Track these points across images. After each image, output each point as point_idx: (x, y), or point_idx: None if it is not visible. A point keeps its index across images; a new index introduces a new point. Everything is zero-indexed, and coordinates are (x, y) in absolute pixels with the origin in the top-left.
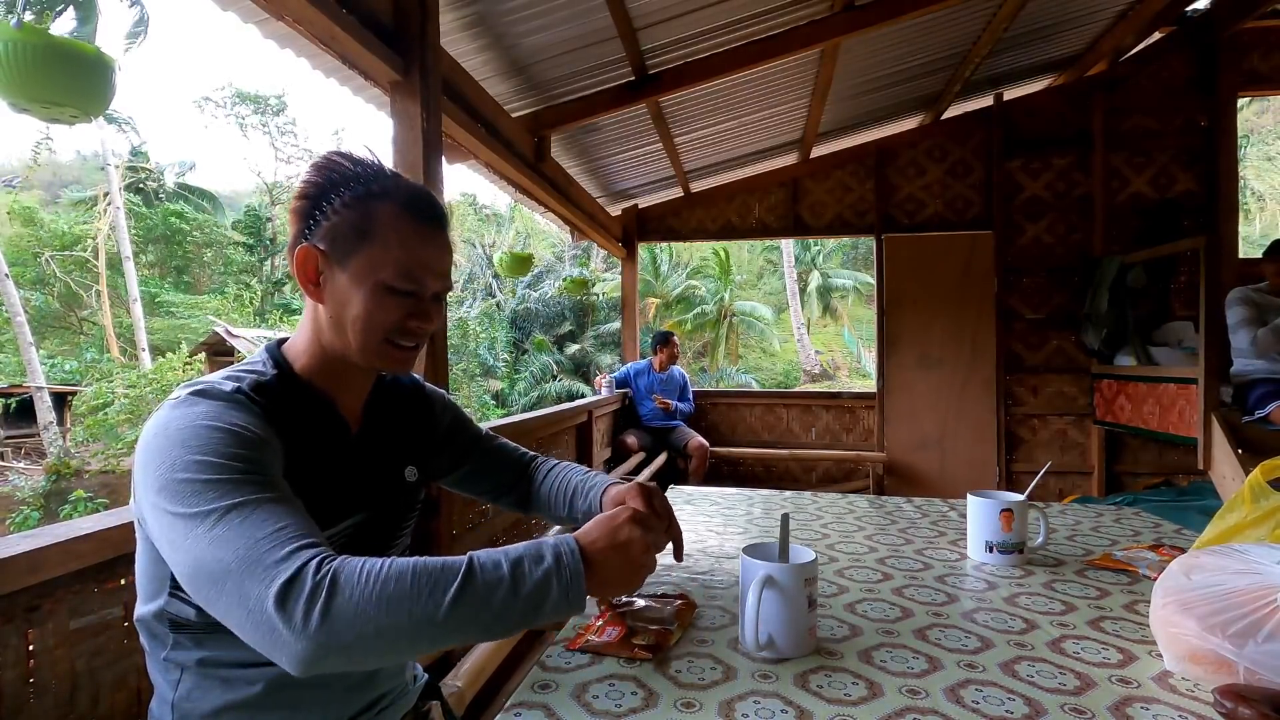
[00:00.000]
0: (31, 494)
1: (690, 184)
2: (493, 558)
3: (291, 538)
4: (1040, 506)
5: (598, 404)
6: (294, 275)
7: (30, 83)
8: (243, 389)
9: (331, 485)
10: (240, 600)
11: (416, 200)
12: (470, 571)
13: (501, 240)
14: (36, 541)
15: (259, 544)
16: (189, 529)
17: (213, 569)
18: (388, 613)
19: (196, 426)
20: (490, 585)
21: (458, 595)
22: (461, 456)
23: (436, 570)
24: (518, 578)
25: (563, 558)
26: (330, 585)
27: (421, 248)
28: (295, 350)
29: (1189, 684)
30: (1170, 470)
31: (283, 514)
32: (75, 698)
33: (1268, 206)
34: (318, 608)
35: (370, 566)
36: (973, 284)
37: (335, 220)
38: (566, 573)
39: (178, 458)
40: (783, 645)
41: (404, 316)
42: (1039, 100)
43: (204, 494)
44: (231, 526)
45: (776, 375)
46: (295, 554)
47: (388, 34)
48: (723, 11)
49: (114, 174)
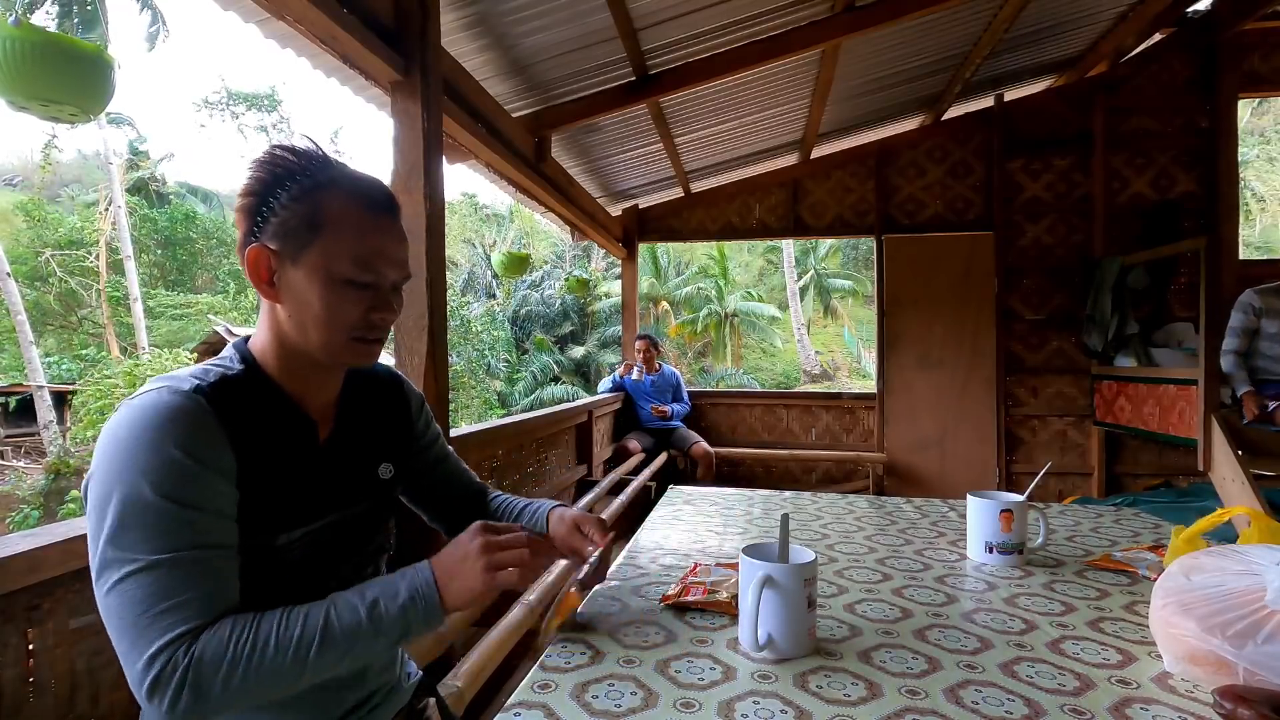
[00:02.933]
0: (31, 492)
1: (690, 184)
2: (350, 603)
3: (180, 619)
4: (1040, 507)
5: (598, 404)
6: (246, 276)
7: (29, 81)
8: (202, 387)
9: (297, 487)
10: (126, 664)
11: (365, 189)
12: (328, 624)
13: (502, 240)
14: (36, 541)
15: (152, 620)
16: (103, 569)
17: (112, 623)
18: (257, 680)
19: (141, 448)
20: (349, 633)
21: (319, 649)
22: (427, 469)
23: (297, 632)
24: (375, 619)
25: (417, 589)
26: (195, 675)
27: (375, 236)
28: (259, 348)
29: (1189, 685)
30: (1170, 471)
31: (186, 582)
32: (75, 697)
33: (1269, 207)
34: (183, 699)
35: (236, 640)
36: (973, 285)
37: (283, 215)
38: (422, 603)
39: (114, 483)
40: (782, 645)
41: (365, 310)
42: (1039, 101)
43: (124, 535)
44: (137, 586)
45: (777, 375)
46: (166, 648)
47: (388, 34)
48: (723, 12)
49: (115, 173)
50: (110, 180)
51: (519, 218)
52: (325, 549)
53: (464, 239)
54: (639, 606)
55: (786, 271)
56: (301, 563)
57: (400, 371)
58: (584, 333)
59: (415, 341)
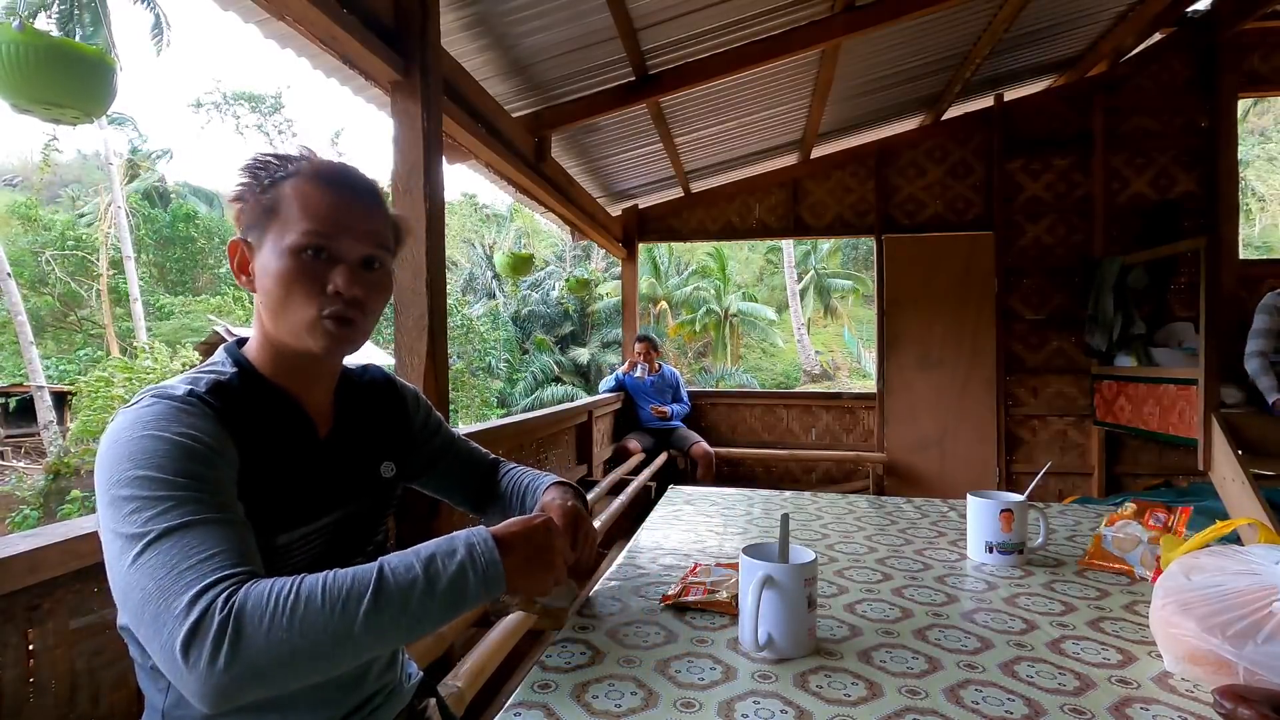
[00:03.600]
0: (31, 493)
1: (690, 184)
2: (404, 560)
3: (214, 569)
4: (1040, 507)
5: (598, 404)
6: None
7: (32, 84)
8: (196, 391)
9: (300, 485)
10: (155, 633)
11: (325, 170)
12: (382, 578)
13: (502, 240)
14: (36, 541)
15: (180, 576)
16: (121, 550)
17: (136, 597)
18: (302, 634)
19: (144, 438)
20: (404, 588)
21: (372, 604)
22: (437, 457)
23: (347, 583)
24: (432, 575)
25: (475, 547)
26: (236, 622)
27: (328, 208)
28: (251, 349)
29: (1189, 685)
30: (1170, 471)
31: (213, 538)
32: (75, 697)
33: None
34: (224, 650)
35: (278, 591)
36: (973, 285)
37: (252, 204)
38: (481, 561)
39: (121, 472)
40: (782, 645)
41: (323, 282)
42: (1039, 101)
43: (140, 513)
44: (160, 552)
45: (777, 375)
46: (206, 591)
47: (388, 34)
48: (723, 12)
49: (116, 173)
50: (110, 180)
51: (519, 218)
52: (326, 548)
53: (464, 239)
54: (639, 606)
55: (787, 271)
56: (302, 563)
57: (397, 372)
58: (584, 333)
59: (415, 341)
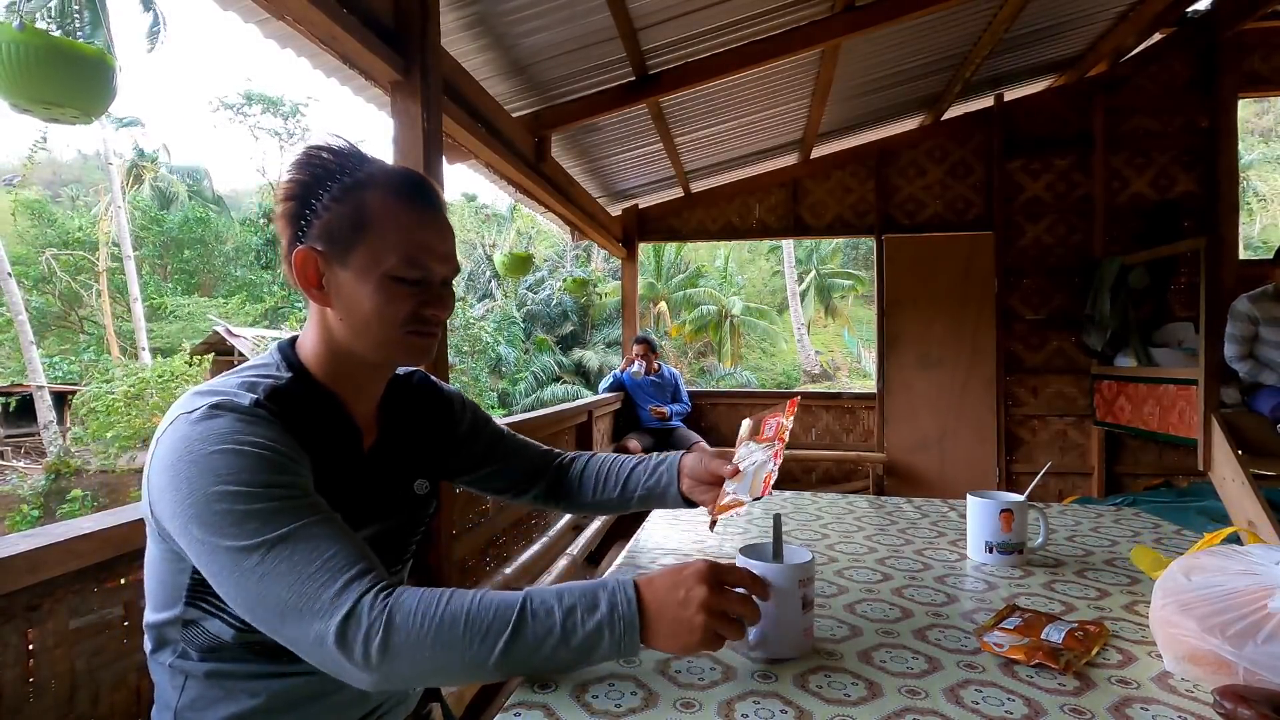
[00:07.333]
0: (31, 493)
1: (690, 184)
2: (546, 604)
3: (341, 567)
4: (1040, 507)
5: (598, 404)
6: (293, 280)
7: (32, 83)
8: (261, 400)
9: (341, 498)
10: (303, 634)
11: (407, 184)
12: (522, 619)
13: (502, 240)
14: (36, 541)
15: (312, 579)
16: (235, 563)
17: (271, 604)
18: (442, 655)
19: (224, 451)
20: (540, 636)
21: (509, 644)
22: (485, 456)
23: (489, 617)
24: (569, 629)
25: (617, 608)
26: (386, 624)
27: (421, 231)
28: (307, 351)
29: (1189, 685)
30: (1170, 471)
31: (326, 540)
32: (75, 697)
33: (1269, 207)
34: (375, 645)
35: (425, 606)
36: (973, 284)
37: (326, 217)
38: (620, 625)
39: (209, 487)
40: (775, 646)
41: (417, 306)
42: (1039, 101)
43: (244, 525)
44: (280, 560)
45: (777, 375)
46: (348, 587)
47: (388, 34)
48: (723, 12)
49: (115, 173)
50: (110, 180)
51: (519, 218)
52: None
53: (464, 239)
54: None
55: (787, 272)
56: None
57: None
58: (585, 333)
59: None
